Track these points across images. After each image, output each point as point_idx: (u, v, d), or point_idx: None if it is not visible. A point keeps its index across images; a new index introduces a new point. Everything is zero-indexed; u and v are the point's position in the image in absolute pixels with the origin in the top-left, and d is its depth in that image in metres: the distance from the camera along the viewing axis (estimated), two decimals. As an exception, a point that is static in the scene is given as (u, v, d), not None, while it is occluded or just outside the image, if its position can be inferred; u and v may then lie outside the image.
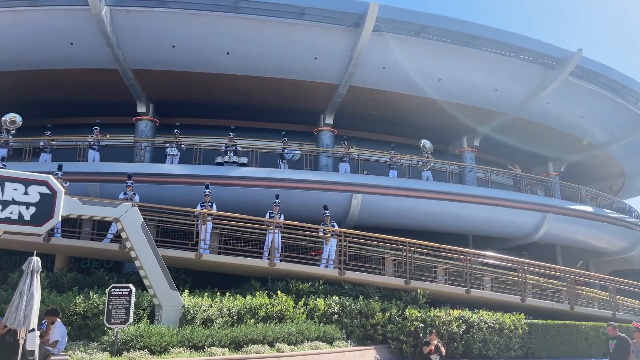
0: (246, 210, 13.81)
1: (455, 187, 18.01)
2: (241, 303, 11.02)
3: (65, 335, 9.21)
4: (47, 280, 11.43)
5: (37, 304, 7.69)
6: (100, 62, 16.19)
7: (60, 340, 9.00)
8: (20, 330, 7.53)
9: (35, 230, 8.90)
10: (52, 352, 8.70)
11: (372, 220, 16.81)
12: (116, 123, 18.51)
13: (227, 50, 16.21)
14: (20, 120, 16.53)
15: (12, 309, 7.48)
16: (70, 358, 8.40)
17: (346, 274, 12.95)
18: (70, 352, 8.73)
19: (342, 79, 17.21)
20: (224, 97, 18.51)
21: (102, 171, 15.20)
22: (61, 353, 8.88)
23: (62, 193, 8.86)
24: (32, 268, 7.74)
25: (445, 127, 20.75)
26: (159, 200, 13.59)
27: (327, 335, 11.02)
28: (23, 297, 7.51)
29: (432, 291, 13.45)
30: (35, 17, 15.04)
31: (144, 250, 9.97)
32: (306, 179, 16.31)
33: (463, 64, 17.68)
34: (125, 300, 9.15)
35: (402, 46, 16.69)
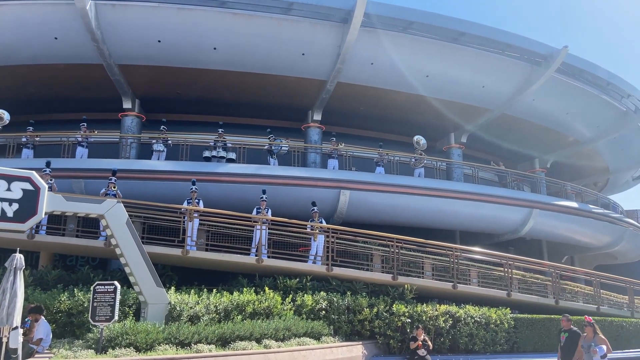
0: (234, 206, 13.73)
1: (443, 183, 18.12)
2: (228, 300, 10.98)
3: (49, 333, 9.12)
4: (31, 277, 11.32)
5: (21, 302, 7.59)
6: (85, 57, 15.97)
7: (44, 338, 8.92)
8: (2, 328, 7.42)
9: (18, 227, 8.76)
10: (36, 350, 8.62)
11: (360, 217, 16.85)
12: (101, 119, 18.25)
13: (214, 45, 16.09)
14: (8, 117, 16.23)
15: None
16: (54, 356, 8.31)
17: (334, 270, 12.96)
18: (55, 349, 8.65)
19: (330, 75, 17.18)
20: (211, 93, 18.39)
21: (87, 167, 15.01)
22: (45, 351, 8.80)
23: (45, 189, 8.74)
24: (15, 265, 7.64)
25: (433, 124, 20.82)
26: (145, 196, 13.48)
27: (315, 331, 11.04)
28: (6, 294, 7.42)
29: (419, 286, 13.52)
30: (18, 11, 14.79)
31: (129, 247, 9.89)
32: (294, 175, 16.27)
33: (450, 61, 17.74)
34: (111, 297, 9.07)
35: (390, 42, 16.69)
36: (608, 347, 8.19)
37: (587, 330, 8.65)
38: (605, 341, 8.25)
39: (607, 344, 8.22)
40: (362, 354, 11.43)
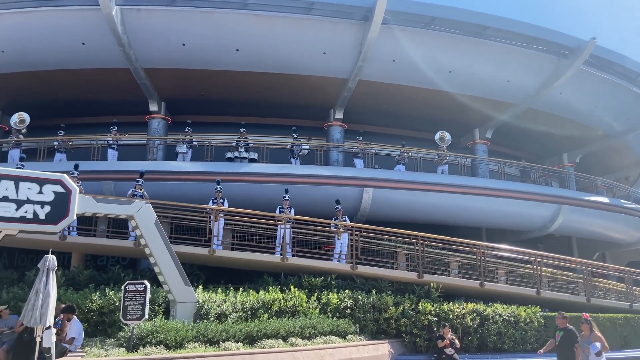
0: (258, 206, 13.84)
1: (467, 180, 17.89)
2: (254, 298, 11.09)
3: (81, 332, 9.35)
4: (64, 278, 11.60)
5: (53, 302, 7.80)
6: (112, 61, 16.32)
7: (76, 337, 9.15)
8: (36, 328, 7.65)
9: (50, 229, 9.01)
10: (68, 349, 8.85)
11: (383, 214, 16.78)
12: (129, 122, 18.60)
13: (236, 47, 16.24)
14: (28, 118, 16.73)
15: (29, 307, 7.60)
16: (86, 354, 8.53)
17: (358, 268, 12.95)
18: (87, 348, 8.86)
19: (352, 73, 17.15)
20: (234, 94, 18.57)
21: (116, 169, 15.37)
22: (78, 350, 9.03)
23: (76, 192, 8.96)
24: (48, 266, 7.85)
25: (457, 120, 20.58)
26: (172, 197, 13.73)
27: (341, 330, 11.05)
28: (39, 295, 7.62)
29: (445, 285, 13.40)
30: (46, 17, 15.19)
31: (158, 247, 10.07)
32: (317, 174, 16.32)
33: (474, 56, 17.50)
34: (141, 296, 9.25)
35: (412, 39, 16.57)
36: (604, 345, 7.92)
37: (583, 328, 8.34)
38: (601, 339, 7.98)
39: (602, 342, 7.96)
40: (388, 353, 11.39)
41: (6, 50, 16.14)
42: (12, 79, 17.33)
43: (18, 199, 8.58)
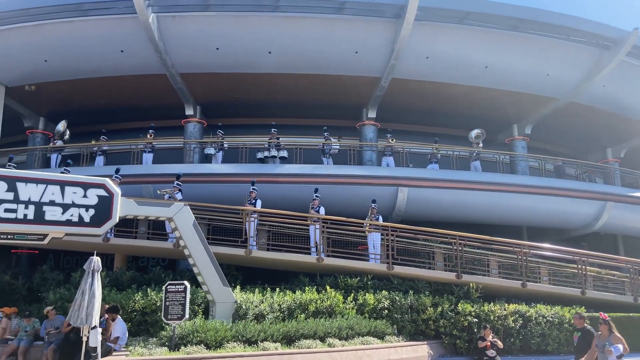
0: (292, 206, 13.92)
1: (506, 177, 17.46)
2: (291, 298, 11.14)
3: (125, 331, 9.60)
4: (107, 278, 11.94)
5: (99, 302, 8.03)
6: (149, 67, 16.71)
7: (121, 337, 9.39)
8: (83, 327, 7.88)
9: (94, 231, 9.33)
10: (113, 348, 9.08)
11: (419, 214, 16.56)
12: (166, 126, 19.06)
13: (268, 49, 16.36)
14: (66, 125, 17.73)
15: (75, 307, 7.84)
16: (130, 353, 8.74)
17: (395, 269, 12.83)
18: (131, 347, 9.08)
19: (384, 72, 17.00)
20: (267, 96, 18.72)
21: (155, 173, 15.75)
22: (122, 349, 9.26)
23: (119, 195, 9.24)
24: (93, 267, 8.09)
25: (494, 116, 20.11)
26: (208, 199, 13.94)
27: (378, 331, 10.97)
28: (85, 295, 7.85)
29: (485, 285, 13.11)
30: (87, 27, 15.69)
31: (197, 248, 10.26)
32: (350, 173, 16.29)
33: (511, 50, 17.05)
34: (181, 296, 9.43)
35: (446, 35, 16.30)
36: (625, 347, 7.46)
37: (601, 329, 7.81)
38: (621, 340, 7.51)
39: (623, 343, 7.50)
40: (427, 354, 11.23)
41: (50, 59, 16.77)
42: (55, 87, 18.01)
43: (64, 202, 8.92)
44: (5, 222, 8.61)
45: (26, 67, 17.21)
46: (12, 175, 8.95)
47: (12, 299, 13.03)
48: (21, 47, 16.44)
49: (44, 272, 13.63)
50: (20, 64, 17.09)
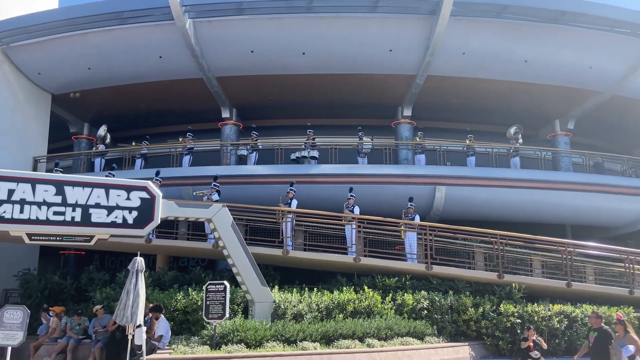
0: (328, 206, 13.94)
1: (548, 174, 16.97)
2: (329, 298, 11.15)
3: (168, 330, 9.83)
4: (150, 278, 12.23)
5: (143, 301, 8.24)
6: (187, 72, 17.08)
7: (164, 335, 9.61)
8: (128, 326, 8.12)
9: (138, 233, 9.60)
10: (157, 347, 9.31)
11: (458, 213, 16.30)
12: (203, 129, 19.46)
13: (302, 50, 16.44)
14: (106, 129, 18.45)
15: (121, 306, 8.07)
16: (174, 351, 8.95)
17: (434, 269, 12.65)
18: (174, 345, 9.29)
19: (419, 69, 16.80)
20: (302, 97, 18.82)
21: (193, 175, 16.08)
22: (166, 347, 9.48)
23: (160, 197, 9.47)
24: (137, 268, 8.32)
25: (535, 111, 19.55)
26: (244, 200, 14.15)
27: (418, 331, 10.84)
28: (130, 295, 8.08)
29: (528, 285, 12.75)
30: (126, 34, 16.18)
31: (235, 248, 10.39)
32: (386, 173, 16.20)
33: (551, 43, 16.52)
34: (221, 296, 9.57)
35: (483, 29, 15.96)
36: (638, 348, 7.05)
37: (617, 329, 7.46)
38: (635, 341, 7.08)
39: (637, 344, 7.06)
40: (469, 355, 11.03)
41: (93, 67, 17.40)
42: (98, 93, 18.68)
43: (109, 205, 9.21)
44: (55, 224, 8.96)
45: (71, 75, 17.94)
46: (60, 179, 9.31)
47: (61, 299, 13.56)
48: (66, 56, 17.14)
49: (91, 272, 14.10)
50: (66, 72, 17.82)
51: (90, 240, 9.25)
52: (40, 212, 8.84)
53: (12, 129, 17.39)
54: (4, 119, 17.12)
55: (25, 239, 8.91)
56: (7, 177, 8.90)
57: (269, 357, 8.55)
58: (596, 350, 7.90)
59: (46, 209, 8.90)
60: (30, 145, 18.14)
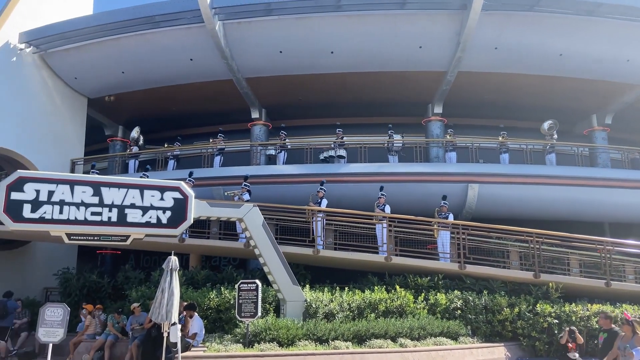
0: (358, 205, 13.89)
1: (585, 171, 16.43)
2: (360, 298, 11.10)
3: (202, 328, 9.97)
4: (184, 277, 12.44)
5: (177, 300, 8.38)
6: (217, 74, 17.30)
7: (198, 333, 9.76)
8: (163, 324, 8.27)
9: (171, 232, 9.76)
10: (191, 344, 9.45)
11: (491, 211, 15.98)
12: (234, 129, 19.67)
13: (331, 49, 16.41)
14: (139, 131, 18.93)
15: (156, 304, 8.22)
16: (208, 349, 9.08)
17: (467, 268, 12.43)
18: (208, 343, 9.42)
19: (450, 65, 16.54)
20: (331, 96, 18.79)
21: (224, 175, 16.27)
22: (200, 345, 9.63)
23: (192, 197, 9.61)
24: (171, 266, 8.46)
25: (570, 106, 18.98)
26: (274, 199, 14.23)
27: (451, 331, 10.67)
28: (165, 293, 8.22)
29: (565, 285, 12.39)
30: (158, 38, 16.49)
31: (266, 248, 10.46)
32: (417, 171, 16.02)
33: (587, 36, 16.00)
34: (253, 295, 9.66)
35: (516, 23, 15.57)
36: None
37: (625, 330, 6.99)
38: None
39: None
40: (505, 356, 10.80)
41: (126, 71, 17.82)
42: (132, 96, 19.11)
43: (143, 205, 9.41)
44: (92, 224, 9.21)
45: (105, 79, 18.43)
46: (97, 181, 9.56)
47: (98, 297, 13.97)
48: (101, 61, 17.61)
49: (127, 271, 14.44)
50: (100, 76, 18.32)
51: (126, 239, 9.46)
52: (78, 213, 9.09)
53: (51, 133, 17.99)
54: (42, 123, 17.73)
55: (64, 239, 9.18)
56: (47, 179, 9.19)
57: (301, 355, 8.58)
58: (605, 352, 7.54)
59: (84, 209, 9.14)
60: (68, 148, 18.71)
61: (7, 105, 16.46)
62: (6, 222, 8.75)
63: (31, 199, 8.89)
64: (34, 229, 9.17)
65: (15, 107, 16.73)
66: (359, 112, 19.86)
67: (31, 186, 8.94)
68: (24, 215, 8.81)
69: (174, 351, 8.60)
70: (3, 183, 8.88)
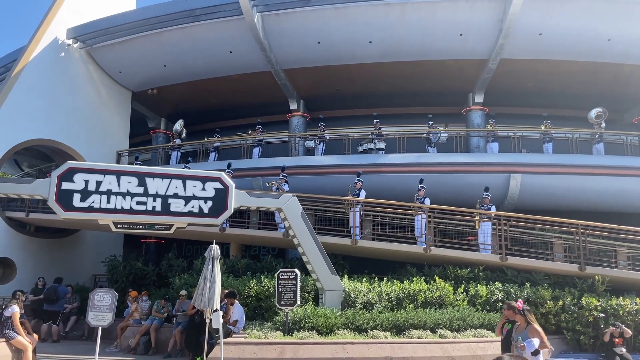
0: (396, 196, 13.82)
1: (634, 160, 15.70)
2: (399, 288, 11.07)
3: (243, 315, 10.21)
4: (225, 266, 12.74)
5: (219, 287, 8.58)
6: (255, 66, 17.48)
7: (239, 320, 10.00)
8: (206, 310, 8.52)
9: (213, 222, 10.04)
10: (233, 331, 9.70)
11: (534, 202, 15.56)
12: (272, 121, 19.84)
13: (369, 39, 16.26)
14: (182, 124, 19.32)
15: (198, 291, 8.46)
16: (248, 336, 9.28)
17: (508, 260, 12.18)
18: (249, 330, 9.63)
19: (492, 53, 16.10)
20: (369, 86, 18.66)
21: (263, 166, 16.48)
22: (240, 331, 9.86)
23: (233, 187, 9.82)
24: (213, 255, 8.67)
25: (619, 93, 18.15)
26: (312, 190, 14.34)
27: (492, 323, 10.48)
28: (207, 281, 8.44)
29: (612, 278, 11.96)
30: (198, 31, 16.77)
31: (305, 237, 10.58)
32: (456, 161, 15.74)
33: (638, 19, 15.23)
34: (292, 283, 9.79)
35: (561, 7, 14.99)
36: (542, 342, 6.02)
37: (518, 319, 6.43)
38: (539, 333, 6.07)
39: (541, 337, 6.05)
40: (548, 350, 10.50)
41: (168, 64, 18.25)
42: (173, 90, 19.58)
43: (186, 195, 9.70)
44: (137, 213, 9.57)
45: (148, 72, 18.94)
46: (142, 172, 9.91)
47: (144, 284, 14.50)
48: (143, 55, 18.10)
49: (170, 259, 14.91)
50: (144, 70, 18.84)
51: (170, 228, 9.78)
52: (124, 202, 9.47)
53: (97, 125, 18.67)
54: (90, 116, 18.42)
55: (112, 227, 9.57)
56: (95, 169, 9.60)
57: (340, 344, 8.66)
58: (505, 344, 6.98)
59: (130, 199, 9.52)
60: (114, 140, 19.40)
61: (56, 100, 17.19)
62: (58, 211, 9.20)
63: (80, 188, 9.31)
64: (83, 217, 9.64)
65: (64, 101, 17.45)
66: (397, 102, 19.65)
67: (80, 176, 9.36)
68: (74, 204, 9.25)
69: (216, 337, 8.84)
70: (54, 174, 9.32)
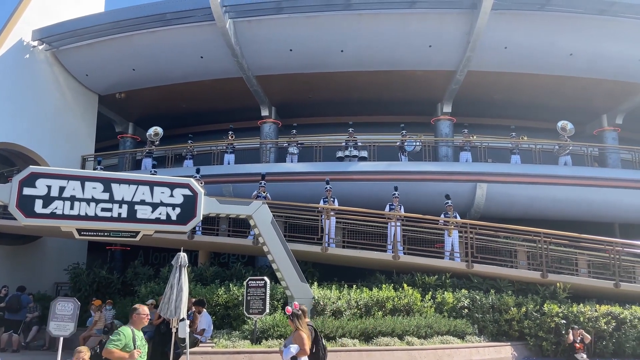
0: (367, 204, 13.93)
1: (594, 171, 16.30)
2: (368, 295, 11.15)
3: (211, 324, 10.05)
4: (193, 274, 12.56)
5: (186, 296, 8.40)
6: (227, 71, 17.36)
7: (206, 329, 9.83)
8: (172, 319, 8.35)
9: (181, 229, 9.85)
10: (200, 340, 9.56)
11: (499, 211, 15.94)
12: (243, 127, 19.73)
13: (341, 48, 16.42)
14: (162, 132, 18.57)
15: (165, 300, 8.25)
16: (216, 345, 9.16)
17: (474, 267, 12.44)
18: (216, 339, 9.52)
19: (460, 65, 16.50)
20: (340, 94, 18.81)
21: (234, 172, 16.38)
22: (208, 340, 9.72)
23: (202, 194, 9.69)
24: (180, 263, 8.48)
25: (580, 106, 18.85)
26: (283, 197, 14.32)
27: (458, 330, 10.70)
28: (174, 289, 8.24)
29: (573, 285, 12.36)
30: (169, 36, 16.58)
31: (275, 245, 10.52)
32: (426, 170, 16.00)
33: (598, 35, 15.86)
34: (262, 292, 9.74)
35: (526, 23, 15.50)
36: (303, 349, 5.89)
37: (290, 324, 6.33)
38: (302, 339, 5.93)
39: (303, 344, 5.91)
40: (511, 356, 10.80)
41: (137, 68, 17.96)
42: (142, 94, 19.26)
43: (153, 202, 9.50)
44: (103, 220, 9.32)
45: (116, 76, 18.59)
46: (107, 177, 9.65)
47: (108, 292, 14.12)
48: (112, 58, 17.76)
49: (136, 267, 14.59)
50: (112, 73, 18.48)
51: (136, 235, 9.55)
52: (89, 209, 9.19)
53: (62, 129, 18.18)
54: (54, 120, 17.93)
55: (75, 234, 9.30)
56: (59, 174, 9.31)
57: (308, 352, 8.62)
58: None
59: (94, 205, 9.24)
60: (79, 145, 18.92)
61: (19, 102, 16.66)
62: (18, 217, 8.88)
63: (43, 194, 9.00)
64: (45, 224, 9.32)
65: (27, 103, 16.94)
66: (368, 110, 19.87)
67: (43, 182, 9.07)
68: (36, 210, 8.93)
69: (182, 347, 8.67)
70: (16, 178, 9.01)
